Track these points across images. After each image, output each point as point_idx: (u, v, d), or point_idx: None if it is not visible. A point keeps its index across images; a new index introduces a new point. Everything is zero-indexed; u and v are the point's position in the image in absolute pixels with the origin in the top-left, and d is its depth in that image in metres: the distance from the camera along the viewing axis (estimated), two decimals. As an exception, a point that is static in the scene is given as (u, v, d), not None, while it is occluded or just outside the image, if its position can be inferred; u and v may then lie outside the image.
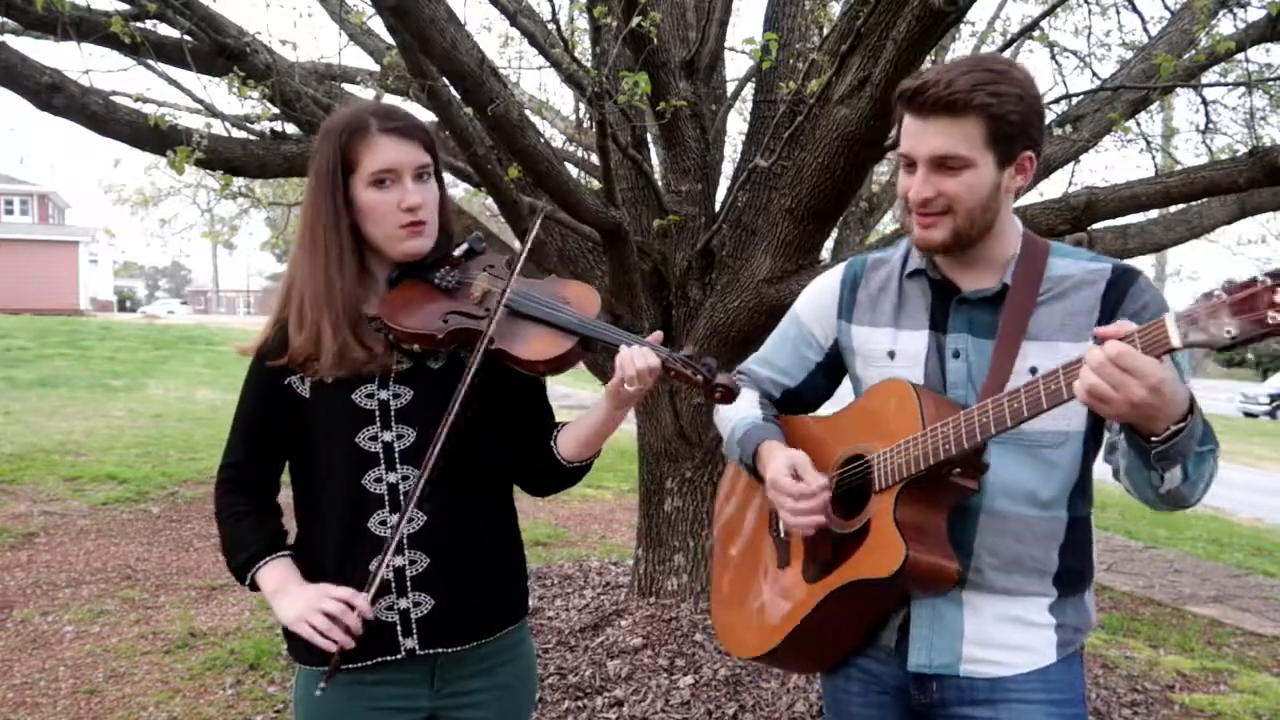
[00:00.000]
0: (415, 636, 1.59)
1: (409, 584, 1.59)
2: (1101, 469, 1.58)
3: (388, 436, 1.60)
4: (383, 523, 1.59)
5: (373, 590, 1.52)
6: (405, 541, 1.59)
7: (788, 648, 1.66)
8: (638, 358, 1.49)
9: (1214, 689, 4.47)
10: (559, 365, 1.57)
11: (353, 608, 1.51)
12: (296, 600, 1.55)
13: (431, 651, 1.60)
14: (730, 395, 1.51)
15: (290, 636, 1.67)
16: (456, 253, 1.66)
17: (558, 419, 1.76)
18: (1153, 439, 1.28)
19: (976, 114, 1.43)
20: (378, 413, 1.60)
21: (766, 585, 1.74)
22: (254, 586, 1.62)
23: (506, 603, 1.71)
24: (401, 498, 1.59)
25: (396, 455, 1.60)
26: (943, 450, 1.43)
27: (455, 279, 1.64)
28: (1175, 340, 1.18)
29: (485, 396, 1.62)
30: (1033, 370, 1.49)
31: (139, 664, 4.13)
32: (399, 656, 1.59)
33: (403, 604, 1.59)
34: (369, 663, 1.59)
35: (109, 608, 4.84)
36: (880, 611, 1.60)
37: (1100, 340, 1.24)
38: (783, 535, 1.73)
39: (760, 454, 1.68)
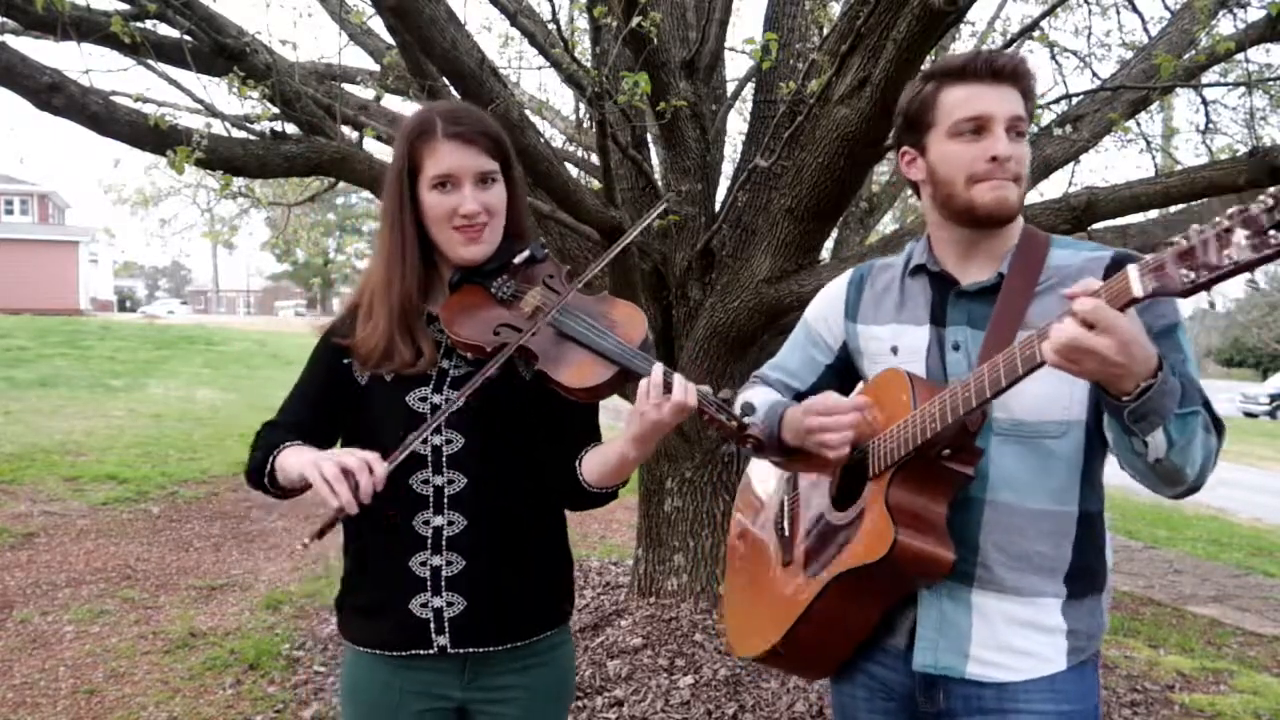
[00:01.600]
0: (447, 635, 1.62)
1: (444, 584, 1.61)
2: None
3: (437, 440, 1.62)
4: (425, 522, 1.61)
5: (394, 463, 1.47)
6: (444, 543, 1.61)
7: (788, 646, 1.64)
8: (676, 389, 1.46)
9: (1214, 689, 4.47)
10: (598, 394, 1.57)
11: (372, 472, 1.43)
12: (316, 454, 1.47)
13: (463, 650, 1.63)
14: (761, 446, 1.51)
15: (342, 615, 1.71)
16: (517, 260, 1.66)
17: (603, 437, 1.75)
18: (1124, 398, 1.27)
19: (1023, 88, 1.54)
20: (429, 416, 1.62)
21: (770, 584, 1.74)
22: (273, 481, 1.56)
23: (542, 609, 1.72)
24: (446, 500, 1.62)
25: (444, 459, 1.62)
26: (929, 429, 1.42)
27: (511, 289, 1.65)
28: (1137, 290, 1.18)
29: (535, 407, 1.64)
30: None
31: (139, 664, 4.13)
32: (431, 652, 1.62)
33: (436, 603, 1.61)
34: (402, 654, 1.62)
35: (109, 608, 4.84)
36: (882, 607, 1.59)
37: (1070, 299, 1.24)
38: (786, 534, 1.72)
39: (785, 418, 1.65)
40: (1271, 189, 1.10)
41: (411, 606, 1.61)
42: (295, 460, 1.51)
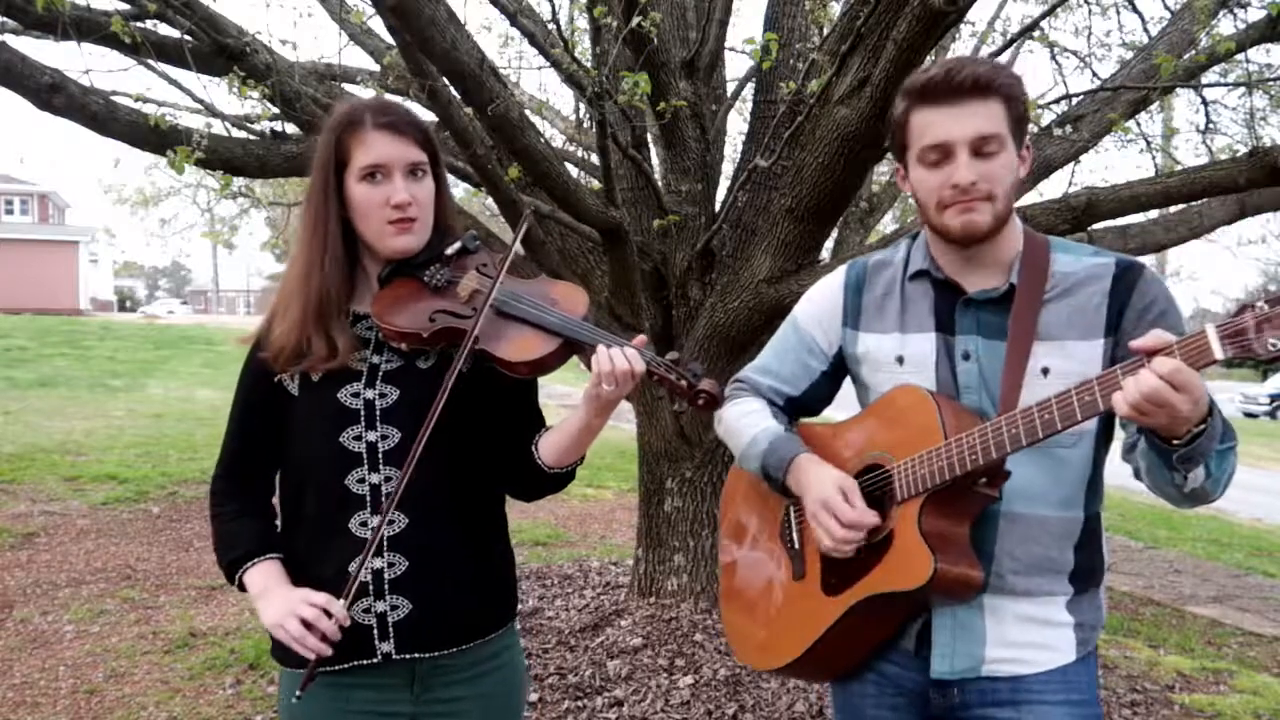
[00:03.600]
0: (392, 640, 1.56)
1: (387, 587, 1.55)
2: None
3: (371, 436, 1.57)
4: (363, 523, 1.56)
5: (350, 595, 1.50)
6: (385, 543, 1.56)
7: (807, 661, 1.64)
8: (616, 359, 1.46)
9: (1214, 689, 4.47)
10: (542, 366, 1.54)
11: (330, 615, 1.47)
12: (277, 604, 1.52)
13: (409, 656, 1.57)
14: (714, 402, 1.49)
15: (274, 638, 1.66)
16: (449, 251, 1.63)
17: (550, 421, 1.73)
18: (1174, 441, 1.28)
19: (999, 95, 1.47)
20: (363, 412, 1.58)
21: (782, 598, 1.71)
22: (242, 587, 1.60)
23: (489, 609, 1.66)
24: (384, 499, 1.56)
25: (380, 456, 1.57)
26: (969, 461, 1.42)
27: (445, 277, 1.62)
28: (1218, 353, 1.19)
29: (473, 398, 1.59)
30: (1044, 371, 1.49)
31: (139, 664, 4.13)
32: (375, 660, 1.56)
33: (380, 607, 1.55)
34: (344, 666, 1.55)
35: (109, 608, 4.84)
36: (900, 621, 1.59)
37: (1137, 353, 1.24)
38: (796, 546, 1.69)
39: (798, 467, 1.63)
40: None
41: (352, 613, 1.53)
42: (263, 608, 1.54)
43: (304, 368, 1.57)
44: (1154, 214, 4.33)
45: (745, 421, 1.74)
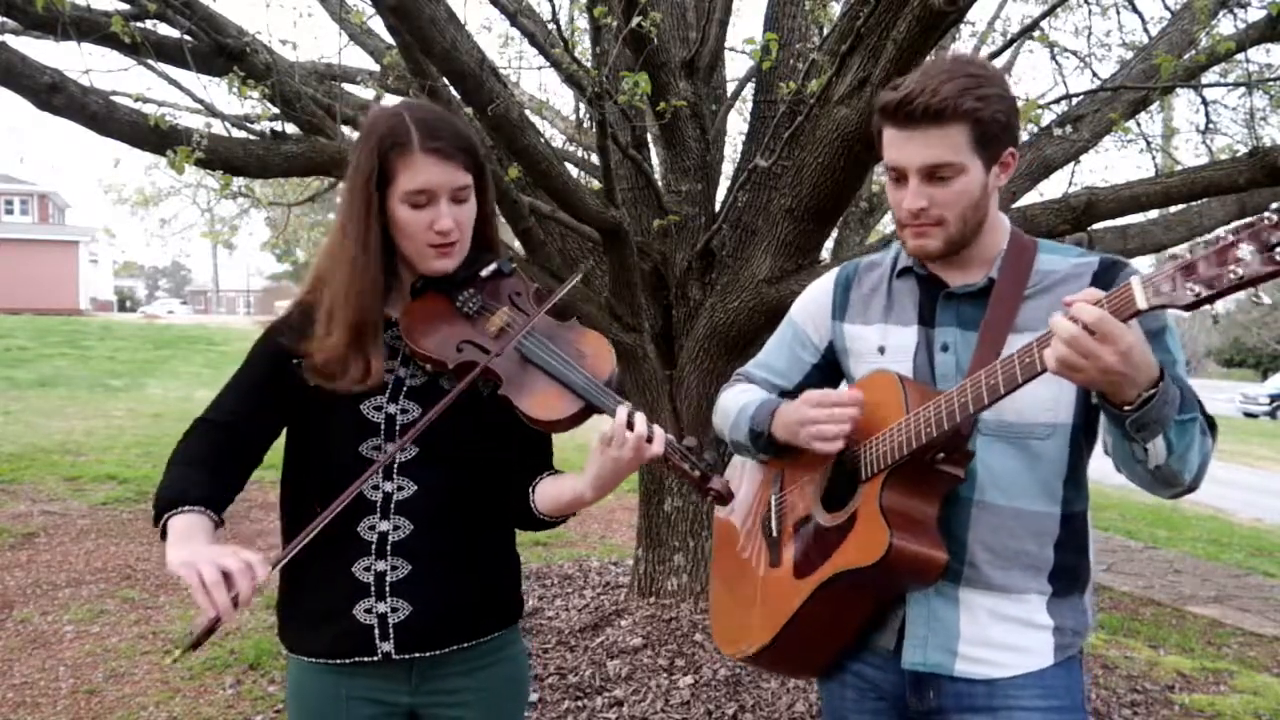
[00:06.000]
0: (392, 641, 1.59)
1: (388, 589, 1.58)
2: (1097, 470, 1.58)
3: (390, 448, 1.59)
4: (371, 527, 1.59)
5: (279, 564, 1.45)
6: (389, 548, 1.58)
7: (777, 647, 1.65)
8: (638, 424, 1.44)
9: (1214, 689, 4.47)
10: (558, 427, 1.54)
11: (254, 576, 1.37)
12: (195, 548, 1.40)
13: (408, 656, 1.60)
14: (722, 500, 1.50)
15: (283, 624, 1.68)
16: (484, 273, 1.62)
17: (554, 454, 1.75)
18: (1125, 407, 1.28)
19: (963, 120, 1.44)
20: (383, 426, 1.60)
21: (758, 585, 1.74)
22: (163, 532, 1.49)
23: (491, 612, 1.69)
24: (394, 505, 1.58)
25: (395, 468, 1.60)
26: (924, 434, 1.42)
27: (478, 304, 1.61)
28: (1141, 302, 1.19)
29: (487, 418, 1.61)
30: None
31: (139, 664, 4.13)
32: (375, 659, 1.59)
33: (381, 608, 1.58)
34: (346, 661, 1.60)
35: (109, 608, 4.83)
36: (871, 609, 1.59)
37: (1069, 307, 1.23)
38: (774, 535, 1.72)
39: (778, 413, 1.65)
40: (1275, 205, 1.10)
41: (355, 612, 1.58)
42: (175, 549, 1.41)
43: (337, 387, 1.55)
44: (1154, 214, 4.33)
45: (738, 400, 1.80)
